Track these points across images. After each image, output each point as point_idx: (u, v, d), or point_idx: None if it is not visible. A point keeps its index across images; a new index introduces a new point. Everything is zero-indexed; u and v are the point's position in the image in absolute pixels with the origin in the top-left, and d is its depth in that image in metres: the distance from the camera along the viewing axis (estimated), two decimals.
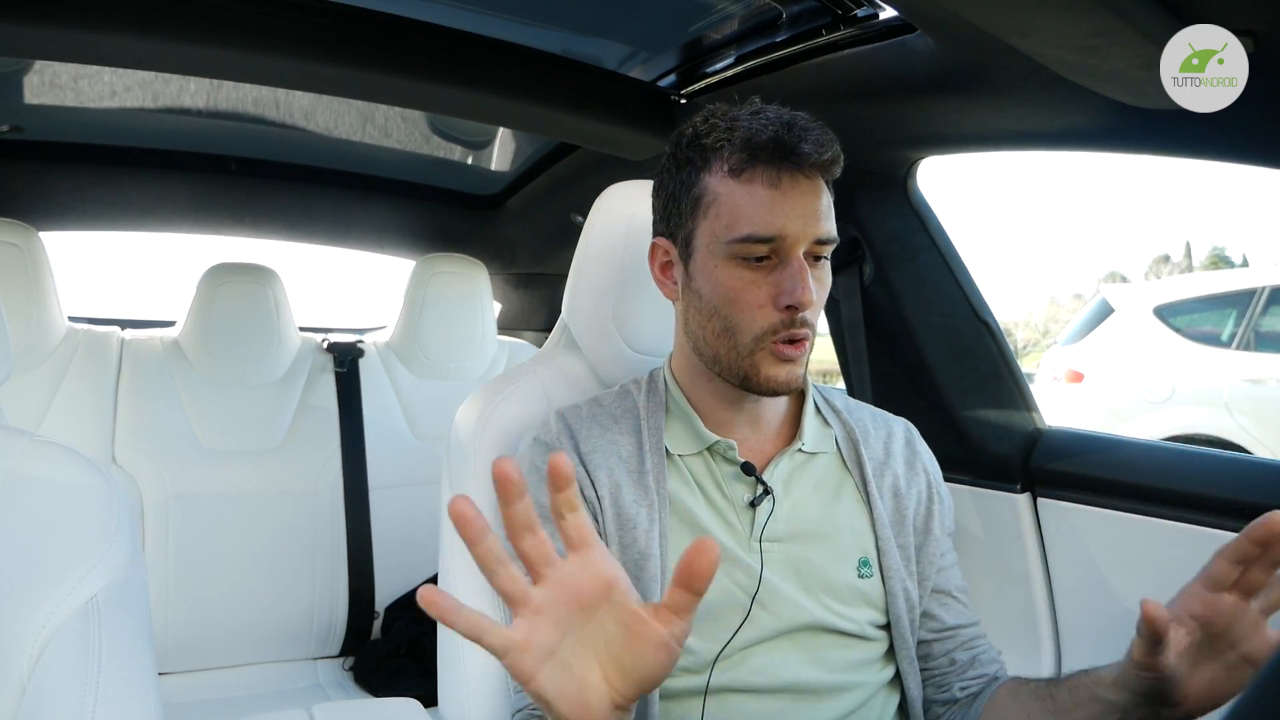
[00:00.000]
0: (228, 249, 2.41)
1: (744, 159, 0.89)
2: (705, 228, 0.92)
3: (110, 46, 1.25)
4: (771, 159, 0.88)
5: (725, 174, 0.91)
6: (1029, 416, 1.46)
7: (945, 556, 1.03)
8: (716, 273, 0.92)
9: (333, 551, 2.02)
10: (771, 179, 0.88)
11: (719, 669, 0.92)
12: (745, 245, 0.89)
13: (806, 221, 0.89)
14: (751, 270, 0.90)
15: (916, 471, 1.04)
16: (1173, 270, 34.23)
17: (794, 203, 0.88)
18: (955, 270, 1.48)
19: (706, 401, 1.00)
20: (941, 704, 0.99)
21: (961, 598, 1.03)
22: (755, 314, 0.90)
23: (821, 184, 0.91)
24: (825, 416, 1.06)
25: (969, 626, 1.02)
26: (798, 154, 0.87)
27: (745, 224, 0.89)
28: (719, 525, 0.96)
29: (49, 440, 0.83)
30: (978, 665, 0.99)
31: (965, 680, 0.98)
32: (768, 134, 0.88)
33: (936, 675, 1.00)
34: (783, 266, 0.89)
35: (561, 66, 1.56)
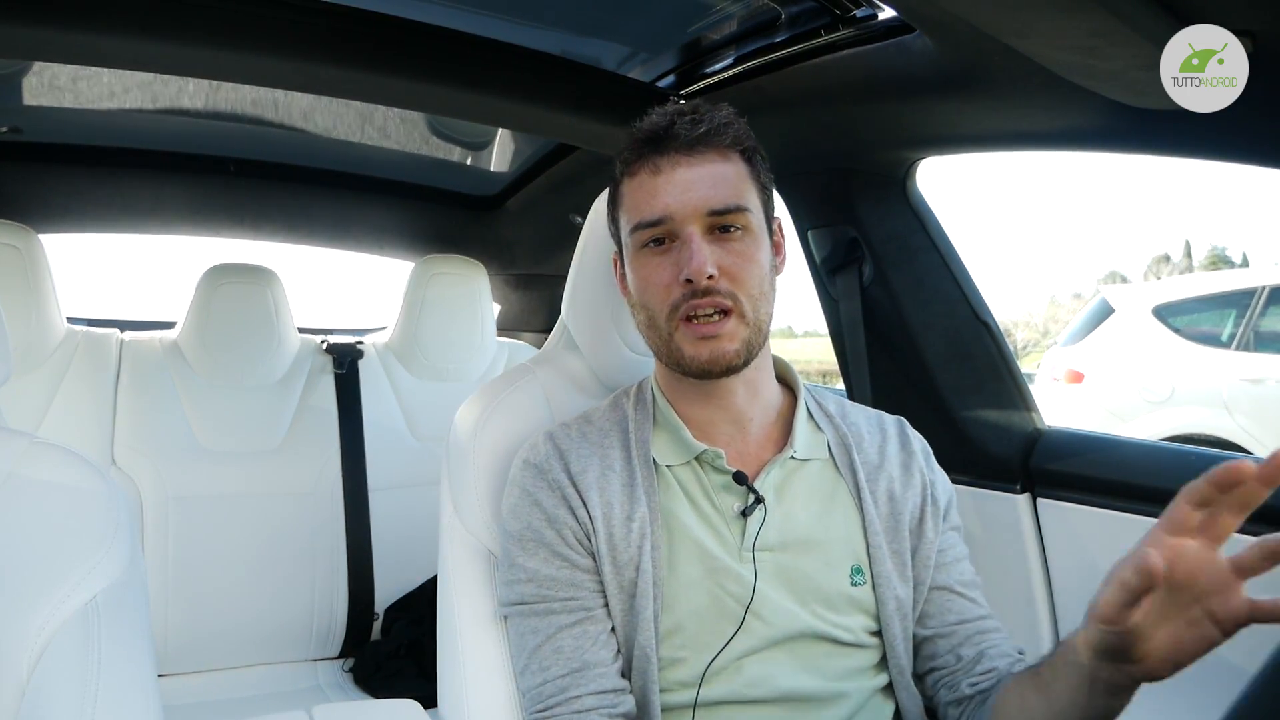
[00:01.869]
0: (227, 250, 2.41)
1: (632, 156, 0.97)
2: (622, 227, 0.99)
3: (109, 48, 1.25)
4: (649, 148, 0.95)
5: (625, 174, 0.98)
6: (1028, 417, 1.46)
7: (946, 553, 1.01)
8: (633, 265, 0.98)
9: (332, 553, 2.02)
10: (652, 166, 0.94)
11: (713, 680, 0.92)
12: (640, 233, 0.95)
13: (691, 197, 0.92)
14: (656, 255, 0.95)
15: (911, 472, 1.03)
16: (1172, 270, 34.24)
17: (674, 183, 0.93)
18: (954, 271, 1.48)
19: (687, 402, 1.01)
20: (955, 704, 0.96)
21: (966, 593, 1.00)
22: (663, 294, 0.94)
23: (711, 158, 0.94)
24: (818, 421, 1.05)
25: (973, 621, 0.99)
26: (669, 136, 0.93)
27: (635, 213, 0.96)
28: (709, 536, 0.95)
29: (48, 442, 0.83)
30: (985, 660, 0.96)
31: (974, 677, 0.95)
32: (648, 127, 0.95)
33: (944, 674, 0.97)
34: (680, 245, 0.93)
35: (561, 67, 1.56)
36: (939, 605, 0.99)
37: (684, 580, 0.93)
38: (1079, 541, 1.31)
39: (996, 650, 0.97)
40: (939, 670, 0.98)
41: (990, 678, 0.95)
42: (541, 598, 0.94)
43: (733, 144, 0.95)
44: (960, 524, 1.06)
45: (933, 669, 0.99)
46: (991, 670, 0.95)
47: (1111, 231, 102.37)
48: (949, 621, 0.99)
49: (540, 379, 1.19)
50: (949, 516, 1.04)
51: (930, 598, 0.99)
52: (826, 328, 1.63)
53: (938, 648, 0.98)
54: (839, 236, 1.52)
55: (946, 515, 1.04)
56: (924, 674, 1.00)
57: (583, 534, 0.95)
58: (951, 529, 1.04)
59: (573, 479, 0.97)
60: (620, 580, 0.93)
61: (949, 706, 0.97)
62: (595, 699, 0.90)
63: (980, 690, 0.94)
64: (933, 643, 0.99)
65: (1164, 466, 1.26)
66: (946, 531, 1.03)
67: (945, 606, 0.99)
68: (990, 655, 0.97)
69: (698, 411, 1.00)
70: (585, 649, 0.92)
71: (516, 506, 0.98)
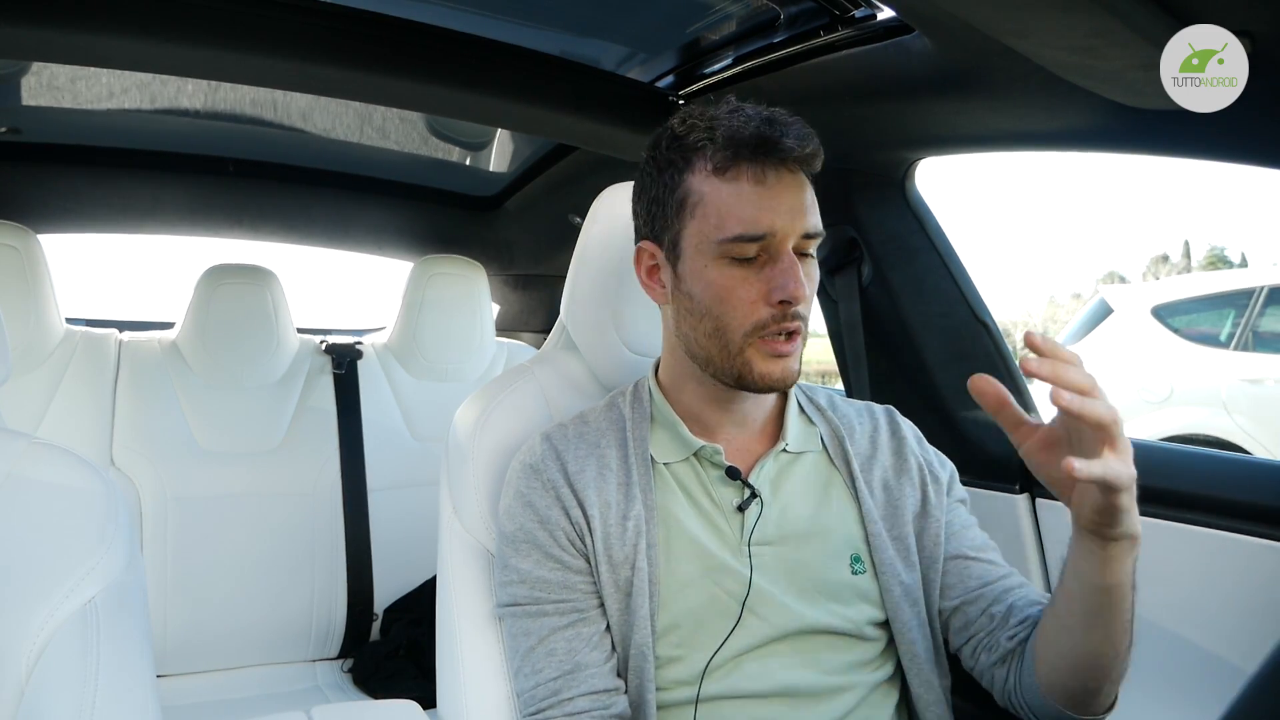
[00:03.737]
0: (226, 250, 2.41)
1: (728, 157, 0.89)
2: (693, 228, 0.92)
3: (108, 48, 1.25)
4: (755, 155, 0.88)
5: (709, 173, 0.90)
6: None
7: (953, 524, 1.01)
8: (707, 273, 0.91)
9: (331, 553, 2.02)
10: (757, 175, 0.88)
11: (712, 678, 0.92)
12: (736, 245, 0.89)
13: (794, 216, 0.89)
14: (742, 268, 0.90)
15: (905, 458, 1.03)
16: (1171, 270, 34.23)
17: (780, 198, 0.89)
18: (953, 271, 1.48)
19: (696, 404, 1.00)
20: (1000, 663, 0.94)
21: (981, 556, 1.00)
22: (747, 311, 0.90)
23: (804, 178, 0.92)
24: (809, 415, 1.05)
25: (996, 581, 0.98)
26: (781, 148, 0.87)
27: (735, 223, 0.89)
28: (708, 532, 0.95)
29: (47, 442, 0.83)
30: (1016, 612, 0.95)
31: (1010, 630, 0.94)
32: (750, 130, 0.88)
33: (982, 637, 0.96)
34: (773, 263, 0.89)
35: (560, 67, 1.56)
36: (957, 574, 0.99)
37: (681, 578, 0.93)
38: None
39: (1024, 600, 0.96)
40: (976, 636, 0.97)
41: (1025, 627, 0.93)
42: (534, 599, 0.94)
43: (818, 167, 0.93)
44: (966, 497, 1.06)
45: (970, 637, 0.97)
46: (1025, 619, 0.94)
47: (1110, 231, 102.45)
48: (971, 587, 0.98)
49: (539, 379, 1.19)
50: (953, 490, 1.04)
51: (947, 569, 0.99)
52: (825, 328, 1.63)
53: (969, 615, 0.97)
54: (838, 237, 1.52)
55: (950, 489, 1.04)
56: (962, 645, 0.98)
57: (576, 535, 0.95)
58: (957, 501, 1.04)
59: (569, 479, 0.96)
60: (616, 579, 0.93)
61: (994, 668, 0.95)
62: (588, 700, 0.90)
63: (1020, 640, 0.93)
64: (962, 611, 0.98)
65: (1163, 467, 1.25)
66: (953, 505, 1.03)
67: (964, 573, 0.99)
68: (1019, 606, 0.96)
69: (704, 412, 1.00)
70: (578, 650, 0.92)
71: (510, 508, 0.98)
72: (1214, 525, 1.13)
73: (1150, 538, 1.20)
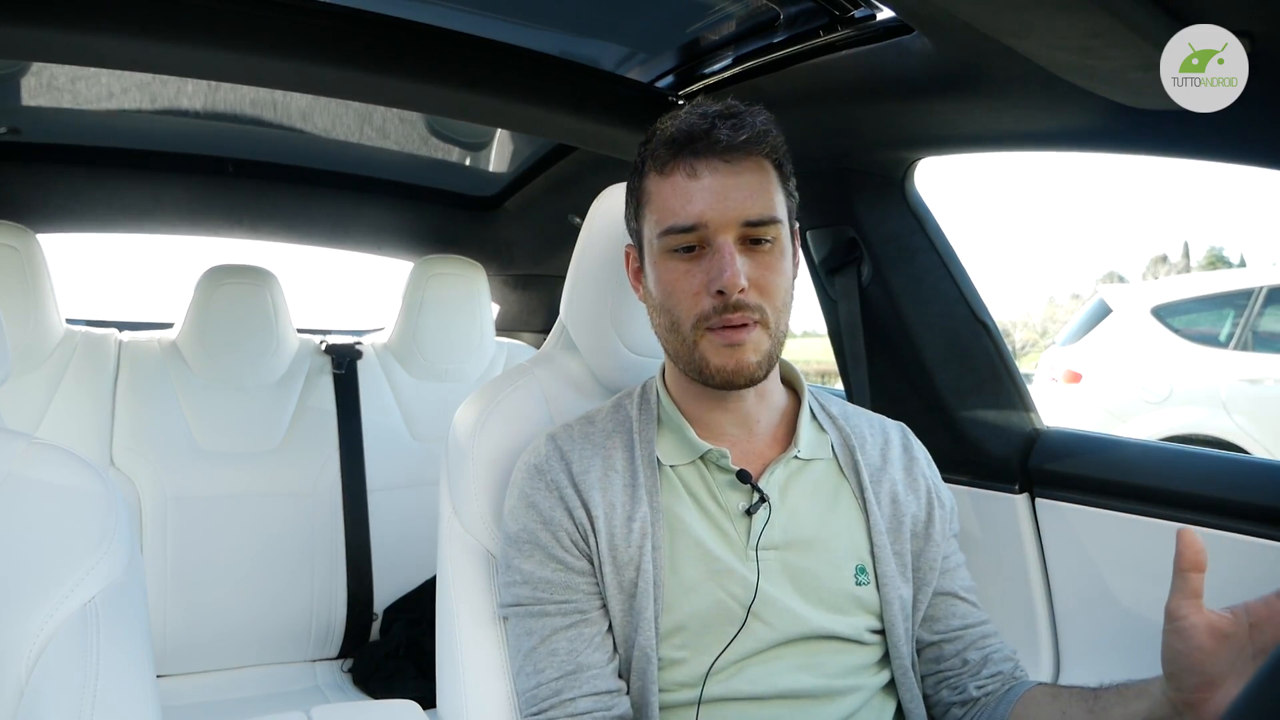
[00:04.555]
0: (225, 251, 2.41)
1: (667, 154, 0.92)
2: (647, 227, 0.96)
3: (108, 48, 1.25)
4: (686, 150, 0.91)
5: (655, 172, 0.94)
6: (1027, 417, 1.46)
7: (949, 559, 1.03)
8: (657, 268, 0.94)
9: (331, 553, 2.02)
10: (689, 169, 0.91)
11: (714, 680, 0.92)
12: (671, 237, 0.91)
13: (728, 206, 0.89)
14: (685, 261, 0.92)
15: (915, 477, 1.04)
16: (1170, 270, 34.25)
17: (712, 189, 0.90)
18: (953, 271, 1.48)
19: (696, 404, 1.00)
20: (960, 705, 0.98)
21: (969, 598, 1.03)
22: (690, 303, 0.91)
23: (747, 166, 0.91)
24: (821, 423, 1.05)
25: (977, 626, 1.01)
26: (711, 139, 0.89)
27: (669, 216, 0.92)
28: (713, 535, 0.95)
29: (47, 443, 0.83)
30: (991, 664, 0.99)
31: (980, 680, 0.98)
32: (685, 126, 0.91)
33: (950, 677, 1.00)
34: (711, 254, 0.90)
35: (559, 68, 1.56)
36: (945, 610, 1.01)
37: (686, 581, 0.93)
38: (1077, 541, 1.31)
39: (1000, 655, 1.00)
40: (945, 673, 1.00)
41: (996, 681, 0.97)
42: (536, 600, 0.94)
43: (769, 152, 0.92)
44: (959, 531, 1.08)
45: (938, 671, 1.00)
46: (997, 674, 0.98)
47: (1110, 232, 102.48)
48: (954, 627, 1.01)
49: (539, 379, 1.19)
50: (952, 523, 1.05)
51: (935, 603, 1.01)
52: (825, 328, 1.63)
53: (944, 651, 1.00)
54: (837, 237, 1.52)
55: (950, 522, 1.05)
56: (927, 675, 1.01)
57: (580, 536, 0.95)
58: (952, 535, 1.05)
59: (574, 480, 0.96)
60: (620, 580, 0.93)
61: (953, 706, 0.98)
62: (590, 701, 0.90)
63: (987, 693, 0.97)
64: (939, 647, 1.00)
65: (1162, 467, 1.26)
66: (949, 539, 1.04)
67: (951, 611, 1.01)
68: (994, 660, 0.99)
69: (706, 413, 1.00)
70: (580, 651, 0.92)
71: (514, 509, 0.99)
72: (1214, 525, 1.13)
73: (1150, 538, 1.21)
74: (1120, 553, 1.26)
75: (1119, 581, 1.26)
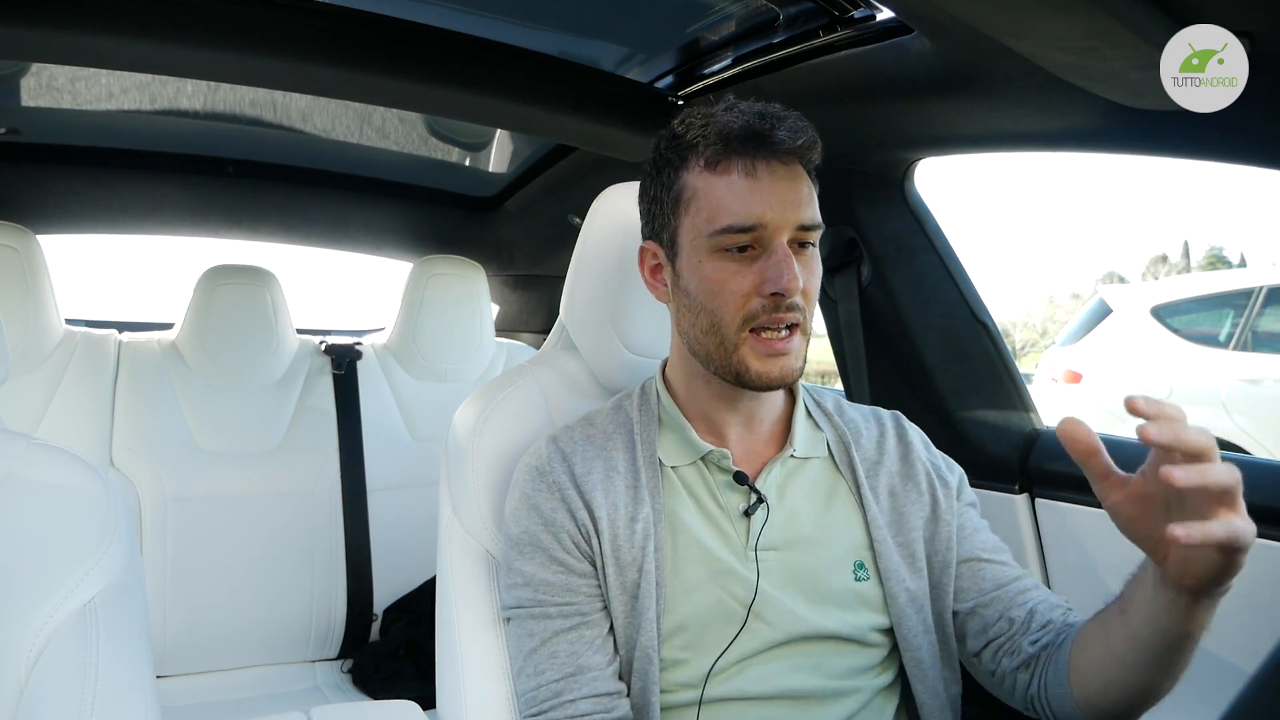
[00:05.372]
0: (225, 251, 2.41)
1: (719, 151, 0.90)
2: (688, 224, 0.93)
3: (107, 49, 1.25)
4: (745, 148, 0.89)
5: (702, 168, 0.91)
6: (1027, 417, 1.46)
7: (964, 528, 1.00)
8: (701, 268, 0.92)
9: (331, 554, 2.02)
10: (747, 168, 0.89)
11: (715, 681, 0.92)
12: (726, 236, 0.89)
13: (786, 208, 0.89)
14: (735, 261, 0.90)
15: (912, 464, 1.03)
16: (1170, 270, 34.25)
17: (771, 190, 0.88)
18: (953, 271, 1.48)
19: (703, 403, 1.00)
20: (1024, 667, 0.93)
21: (995, 558, 1.00)
22: (739, 303, 0.90)
23: (800, 170, 0.91)
24: (816, 420, 1.05)
25: (1011, 583, 0.98)
26: (772, 140, 0.88)
27: (725, 215, 0.89)
28: (714, 536, 0.95)
29: (47, 443, 0.83)
30: (1038, 615, 0.94)
31: (1033, 635, 0.93)
32: (740, 124, 0.89)
33: (1003, 641, 0.95)
34: (766, 254, 0.89)
35: (559, 68, 1.56)
36: (971, 576, 0.98)
37: (687, 582, 0.94)
38: (1077, 541, 1.31)
39: (1045, 604, 0.96)
40: (996, 639, 0.96)
41: (1049, 631, 0.93)
42: (537, 602, 0.94)
43: (814, 158, 0.93)
44: (976, 500, 1.06)
45: (989, 641, 0.96)
46: (1048, 624, 0.94)
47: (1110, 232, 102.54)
48: (985, 589, 0.98)
49: (539, 380, 1.19)
50: (962, 494, 1.04)
51: (960, 572, 0.99)
52: (825, 328, 1.63)
53: (986, 617, 0.97)
54: (837, 237, 1.52)
55: (960, 493, 1.03)
56: (981, 649, 0.97)
57: (581, 538, 0.95)
58: (967, 505, 1.03)
59: (576, 481, 0.96)
60: (623, 581, 0.93)
61: (1016, 672, 0.94)
62: (590, 703, 0.90)
63: (1043, 645, 0.93)
64: (978, 614, 0.97)
65: None
66: (963, 509, 1.02)
67: (978, 575, 0.98)
68: (1041, 610, 0.95)
69: (712, 413, 0.99)
70: (580, 653, 0.92)
71: (516, 511, 0.98)
72: None
73: None
74: (1120, 553, 1.25)
75: (1119, 582, 1.25)
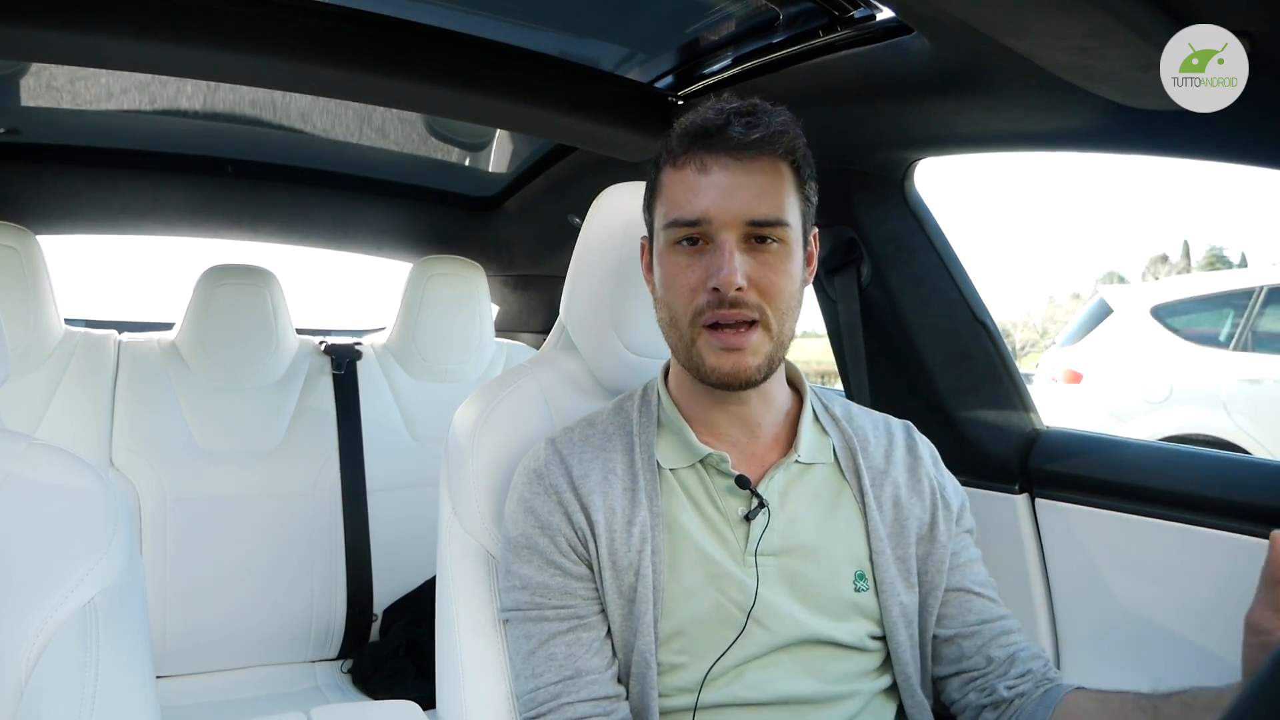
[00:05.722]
0: (225, 251, 2.41)
1: (681, 146, 0.92)
2: (657, 218, 0.96)
3: (107, 49, 1.25)
4: (699, 144, 0.91)
5: (669, 164, 0.94)
6: (1027, 417, 1.46)
7: (959, 555, 1.00)
8: (662, 260, 0.95)
9: (331, 554, 2.02)
10: (700, 163, 0.90)
11: (713, 685, 0.91)
12: (674, 229, 0.91)
13: (734, 203, 0.89)
14: (686, 255, 0.92)
15: (919, 478, 1.02)
16: (1171, 270, 34.26)
17: (720, 185, 0.89)
18: (953, 271, 1.48)
19: (697, 404, 1.00)
20: (992, 707, 0.95)
21: (984, 593, 1.00)
22: (688, 297, 0.91)
23: (761, 165, 0.90)
24: (824, 424, 1.04)
25: (995, 621, 0.98)
26: (723, 135, 0.89)
27: (674, 208, 0.92)
28: (712, 540, 0.95)
29: (46, 443, 0.83)
30: (1019, 663, 0.95)
31: (1010, 680, 0.94)
32: (702, 120, 0.91)
33: (975, 677, 0.96)
34: (714, 250, 0.90)
35: (559, 68, 1.56)
36: (958, 606, 0.98)
37: (685, 586, 0.93)
38: (1078, 542, 1.31)
39: (1027, 653, 0.97)
40: (969, 673, 0.97)
41: (1027, 681, 0.94)
42: (535, 605, 0.94)
43: (785, 152, 0.91)
44: (973, 527, 1.05)
45: (960, 671, 0.97)
46: (1027, 673, 0.94)
47: (1110, 232, 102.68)
48: (970, 622, 0.98)
49: (539, 380, 1.19)
50: (961, 520, 1.03)
51: (948, 600, 0.99)
52: (825, 328, 1.63)
53: (964, 649, 0.97)
54: (837, 237, 1.52)
55: (959, 519, 1.03)
56: (949, 676, 0.98)
57: (578, 541, 0.94)
58: (964, 532, 1.03)
59: (574, 484, 0.96)
60: (620, 585, 0.92)
61: (984, 710, 0.95)
62: (588, 706, 0.90)
63: (1019, 694, 0.93)
64: (956, 644, 0.97)
65: (1162, 467, 1.25)
66: (960, 535, 1.02)
67: (965, 607, 0.98)
68: (1023, 658, 0.96)
69: (709, 415, 0.99)
70: (578, 656, 0.92)
71: (514, 514, 0.98)
72: (1214, 525, 1.13)
73: (1150, 538, 1.21)
74: (1120, 553, 1.26)
75: (1119, 582, 1.26)
